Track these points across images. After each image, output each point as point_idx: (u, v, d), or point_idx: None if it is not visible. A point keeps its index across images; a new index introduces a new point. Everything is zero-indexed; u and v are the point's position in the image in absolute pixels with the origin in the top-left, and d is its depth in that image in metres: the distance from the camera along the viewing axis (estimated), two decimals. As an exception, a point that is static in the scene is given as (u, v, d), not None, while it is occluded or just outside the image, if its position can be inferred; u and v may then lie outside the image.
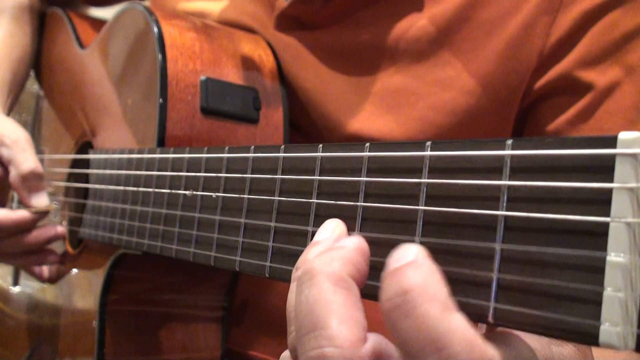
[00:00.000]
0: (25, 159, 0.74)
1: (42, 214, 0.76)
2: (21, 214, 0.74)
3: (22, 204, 0.76)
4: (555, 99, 0.64)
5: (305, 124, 0.73)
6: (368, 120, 0.68)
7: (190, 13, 0.82)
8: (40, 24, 0.99)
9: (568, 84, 0.63)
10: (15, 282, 0.98)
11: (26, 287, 0.95)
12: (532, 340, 0.35)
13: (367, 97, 0.69)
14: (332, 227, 0.37)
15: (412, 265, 0.28)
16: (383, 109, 0.68)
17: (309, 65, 0.72)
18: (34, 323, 0.91)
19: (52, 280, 0.84)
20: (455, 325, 0.26)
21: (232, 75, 0.69)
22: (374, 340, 0.30)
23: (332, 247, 0.34)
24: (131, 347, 0.71)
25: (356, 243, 0.34)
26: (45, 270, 0.84)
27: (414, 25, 0.66)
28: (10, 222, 0.73)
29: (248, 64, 0.71)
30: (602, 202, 0.26)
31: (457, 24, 0.65)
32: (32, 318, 0.91)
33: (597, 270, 0.25)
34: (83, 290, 0.77)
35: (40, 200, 0.75)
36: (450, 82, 0.65)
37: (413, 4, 0.67)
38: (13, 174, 0.74)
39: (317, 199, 0.40)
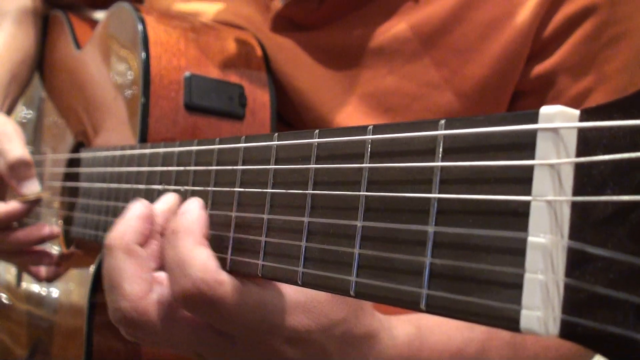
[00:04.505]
0: (11, 148, 0.72)
1: (34, 202, 0.74)
2: (12, 204, 0.73)
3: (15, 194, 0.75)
4: (528, 99, 0.63)
5: (299, 124, 0.72)
6: (363, 122, 0.67)
7: (185, 14, 0.82)
8: (44, 27, 1.00)
9: (543, 86, 0.62)
10: (19, 282, 0.99)
11: (28, 286, 0.95)
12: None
13: (361, 98, 0.67)
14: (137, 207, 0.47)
15: (187, 213, 0.43)
16: (378, 111, 0.67)
17: (304, 66, 0.71)
18: (34, 321, 0.91)
19: (50, 279, 0.85)
20: (198, 255, 0.40)
21: (218, 71, 0.69)
22: (159, 290, 0.43)
23: (124, 220, 0.45)
24: (120, 346, 0.71)
25: (137, 212, 0.46)
26: (42, 269, 0.84)
27: (403, 26, 0.65)
28: (2, 214, 0.73)
29: (235, 61, 0.71)
30: (525, 180, 0.24)
31: (450, 26, 0.64)
32: (32, 316, 0.92)
33: (518, 252, 0.24)
34: (74, 289, 0.78)
35: (31, 188, 0.73)
36: (444, 84, 0.64)
37: (404, 4, 0.65)
38: (1, 164, 0.73)
39: (272, 189, 0.39)
